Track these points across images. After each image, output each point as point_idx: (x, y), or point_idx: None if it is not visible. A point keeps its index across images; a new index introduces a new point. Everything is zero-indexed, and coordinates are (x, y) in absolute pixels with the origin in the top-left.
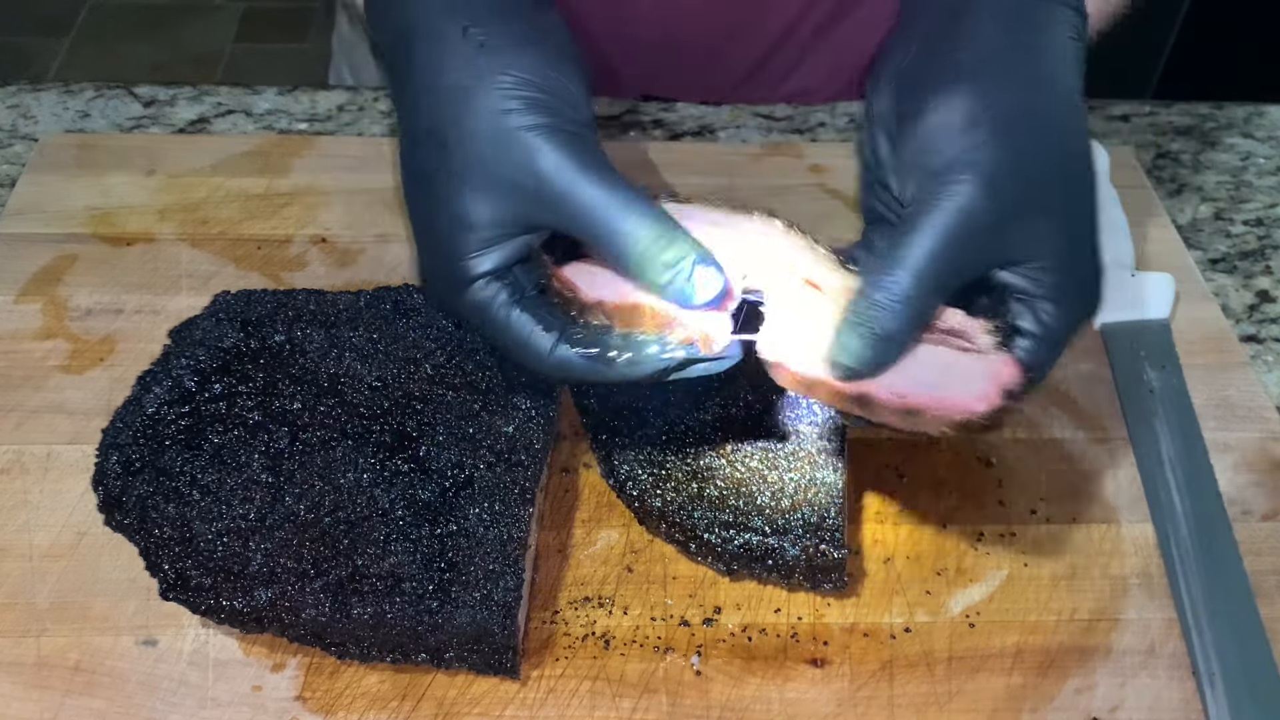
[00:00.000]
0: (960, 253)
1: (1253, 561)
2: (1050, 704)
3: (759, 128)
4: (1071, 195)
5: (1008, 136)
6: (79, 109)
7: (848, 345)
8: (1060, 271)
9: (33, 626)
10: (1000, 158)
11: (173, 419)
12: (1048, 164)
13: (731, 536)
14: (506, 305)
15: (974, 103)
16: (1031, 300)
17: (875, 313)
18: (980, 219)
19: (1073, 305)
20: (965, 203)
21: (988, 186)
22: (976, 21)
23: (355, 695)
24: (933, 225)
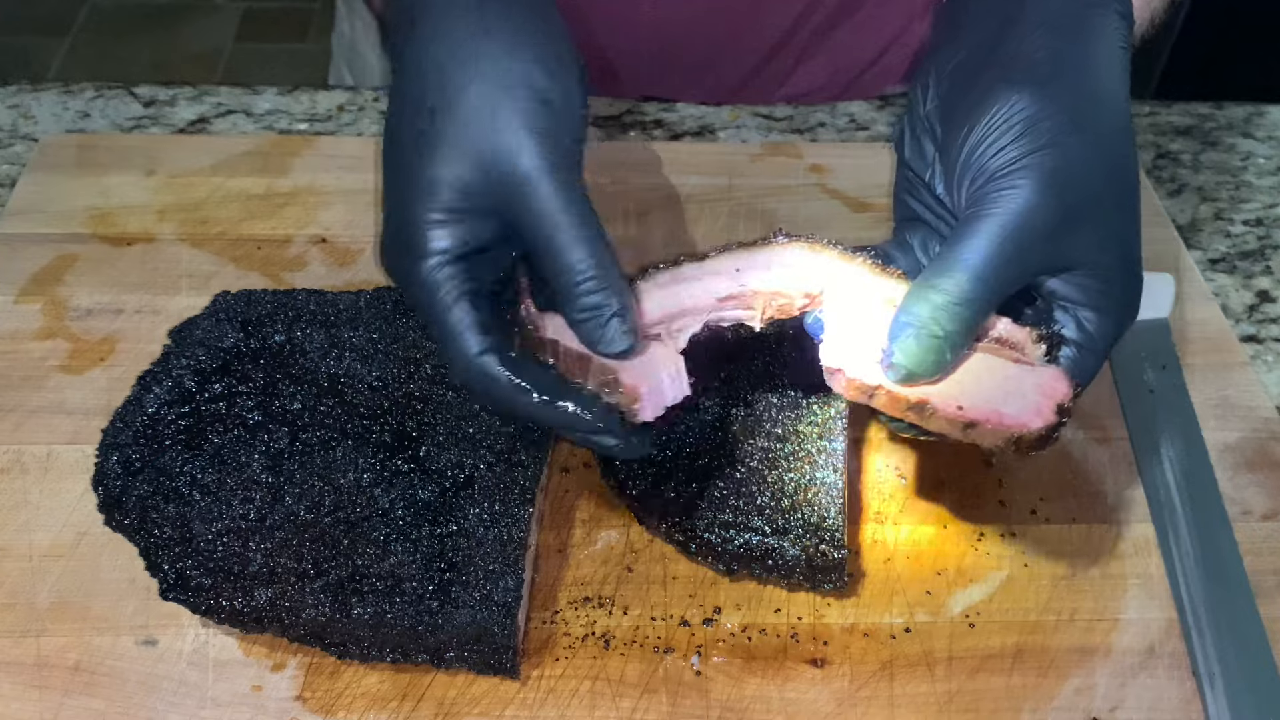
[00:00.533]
0: (1019, 256)
1: (1253, 561)
2: (1050, 704)
3: (759, 128)
4: (1121, 204)
5: (1066, 142)
6: (79, 109)
7: (905, 347)
8: (1106, 280)
9: (33, 626)
10: (1059, 163)
11: (173, 419)
12: (1101, 171)
13: (731, 536)
14: (454, 293)
15: (1031, 107)
16: (1075, 308)
17: (934, 314)
18: (1040, 222)
19: (1114, 315)
20: (1025, 206)
21: (1048, 190)
22: (1030, 28)
23: (355, 695)
24: (993, 227)
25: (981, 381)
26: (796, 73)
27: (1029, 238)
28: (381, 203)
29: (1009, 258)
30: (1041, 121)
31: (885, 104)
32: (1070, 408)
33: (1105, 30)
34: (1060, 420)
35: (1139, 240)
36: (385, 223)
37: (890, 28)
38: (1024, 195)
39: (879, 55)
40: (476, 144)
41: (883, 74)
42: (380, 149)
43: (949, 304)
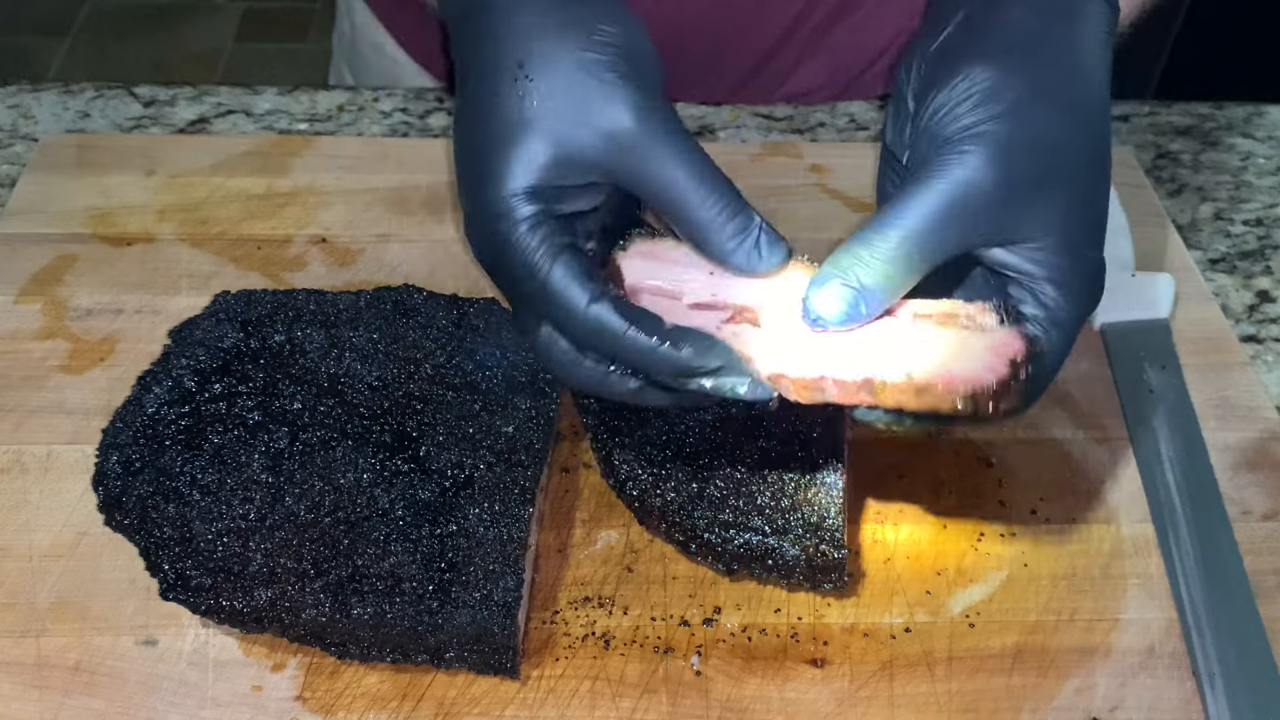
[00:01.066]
0: (955, 220)
1: (1253, 561)
2: (1050, 704)
3: (759, 128)
4: (1084, 182)
5: (1025, 113)
6: (79, 109)
7: (818, 294)
8: (1064, 254)
9: (33, 626)
10: (1014, 132)
11: (173, 419)
12: (1063, 146)
13: (731, 536)
14: (553, 249)
15: (995, 77)
16: (1032, 282)
17: (854, 265)
18: (982, 189)
19: (1076, 291)
20: (969, 172)
21: (996, 158)
22: (1012, 8)
23: (355, 695)
24: (931, 188)
25: (930, 348)
26: (797, 72)
27: (970, 203)
28: (459, 176)
29: (944, 219)
30: (1003, 91)
31: (885, 104)
32: (1023, 363)
33: (1086, 14)
34: (1014, 374)
35: (1103, 223)
36: (471, 194)
37: (891, 27)
38: (971, 160)
39: (879, 54)
40: (579, 108)
41: (884, 72)
42: (380, 148)
43: (871, 258)
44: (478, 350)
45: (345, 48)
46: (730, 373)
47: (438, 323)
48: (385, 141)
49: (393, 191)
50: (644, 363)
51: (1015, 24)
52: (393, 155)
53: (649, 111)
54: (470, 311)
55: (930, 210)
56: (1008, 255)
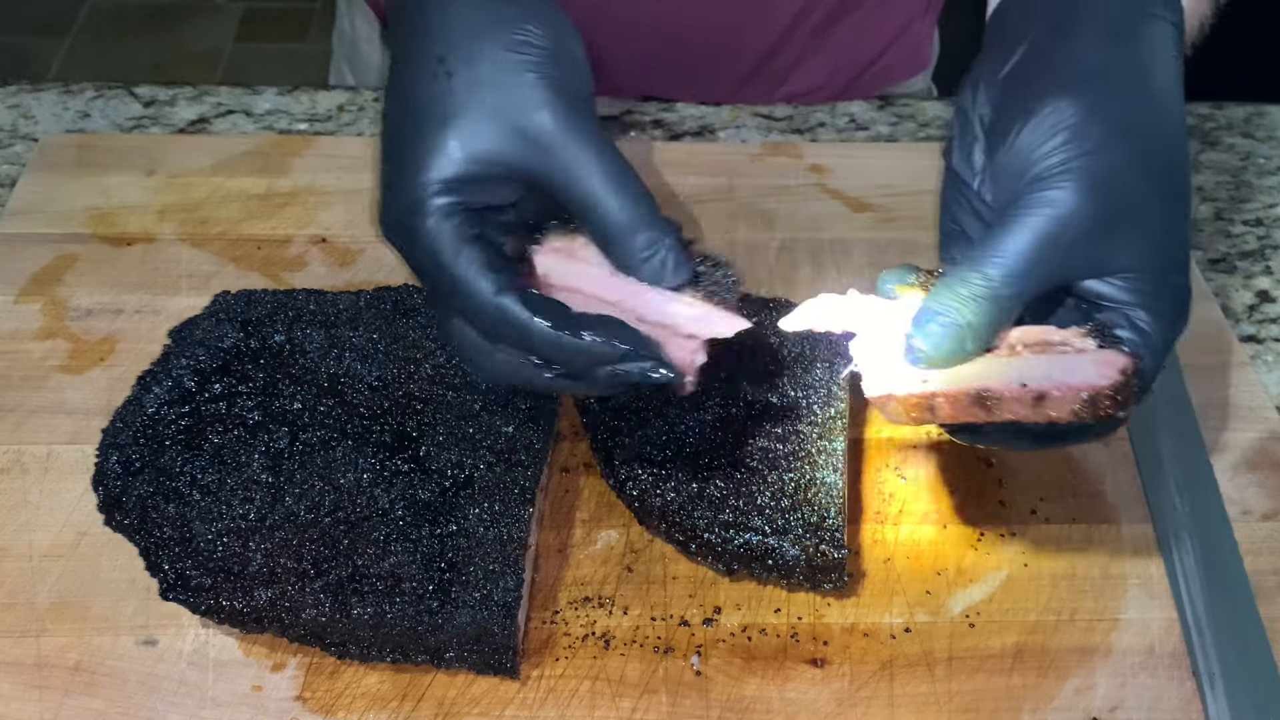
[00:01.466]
0: (1053, 256)
1: (1253, 561)
2: (1050, 704)
3: (759, 128)
4: (1170, 209)
5: (1114, 146)
6: (79, 109)
7: (926, 331)
8: (1154, 282)
9: (32, 626)
10: (1104, 166)
11: (173, 419)
12: (1151, 176)
13: (731, 536)
14: (460, 239)
15: (1081, 111)
16: (1125, 309)
17: (957, 303)
18: (1077, 224)
19: (1168, 315)
20: (1064, 208)
21: (1089, 193)
22: (1083, 34)
23: (355, 695)
24: (1028, 225)
25: (1037, 365)
26: (797, 71)
27: (1067, 239)
28: (380, 164)
29: (1043, 256)
30: (1089, 126)
31: (885, 104)
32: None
33: (1158, 38)
34: (1129, 380)
35: (1188, 245)
36: (388, 184)
37: (891, 26)
38: (1065, 197)
39: (880, 53)
40: (498, 104)
41: (884, 72)
42: (376, 147)
43: (975, 295)
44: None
45: (345, 46)
46: (637, 357)
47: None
48: None
49: None
50: (550, 353)
51: (1092, 51)
52: None
53: (568, 114)
54: None
55: (1028, 247)
56: (1102, 286)
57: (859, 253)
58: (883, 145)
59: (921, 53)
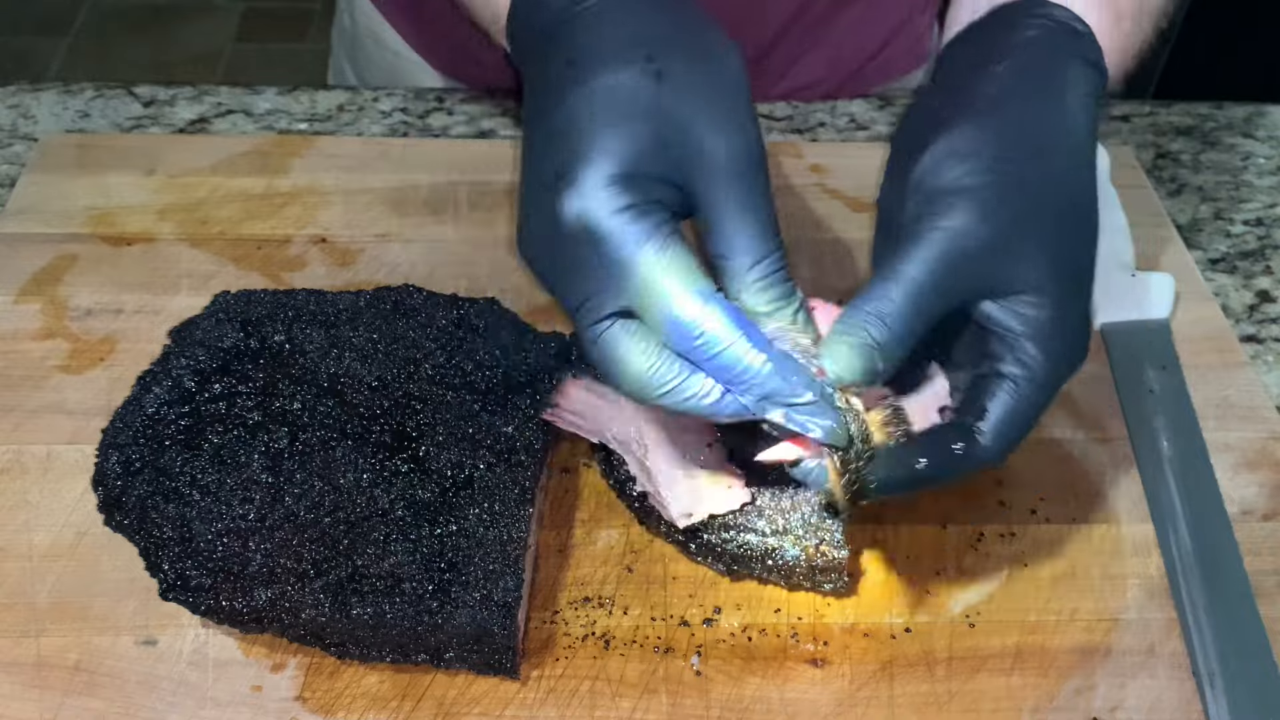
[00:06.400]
0: (950, 273)
1: (1253, 561)
2: (1050, 704)
3: None
4: (1067, 239)
5: (1007, 168)
6: (79, 109)
7: (837, 353)
8: (1052, 308)
9: (32, 626)
10: (996, 186)
11: (173, 419)
12: (1045, 202)
13: (732, 537)
14: (665, 236)
15: (978, 135)
16: (1015, 339)
17: (866, 323)
18: (972, 242)
19: (1055, 352)
20: (957, 223)
21: (980, 210)
22: (997, 73)
23: (355, 695)
24: (925, 243)
25: None
26: (797, 65)
27: (962, 256)
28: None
29: (940, 273)
30: (984, 148)
31: (885, 104)
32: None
33: (1067, 72)
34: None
35: (1088, 284)
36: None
37: (891, 20)
38: (957, 213)
39: (880, 48)
40: (706, 112)
41: (883, 67)
42: (381, 148)
43: (878, 314)
44: (478, 350)
45: (346, 43)
46: (813, 411)
47: (438, 323)
48: (385, 141)
49: (393, 191)
50: (739, 377)
51: (992, 83)
52: (393, 155)
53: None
54: (470, 311)
55: (926, 263)
56: (995, 310)
57: (859, 253)
58: (883, 145)
59: (921, 47)
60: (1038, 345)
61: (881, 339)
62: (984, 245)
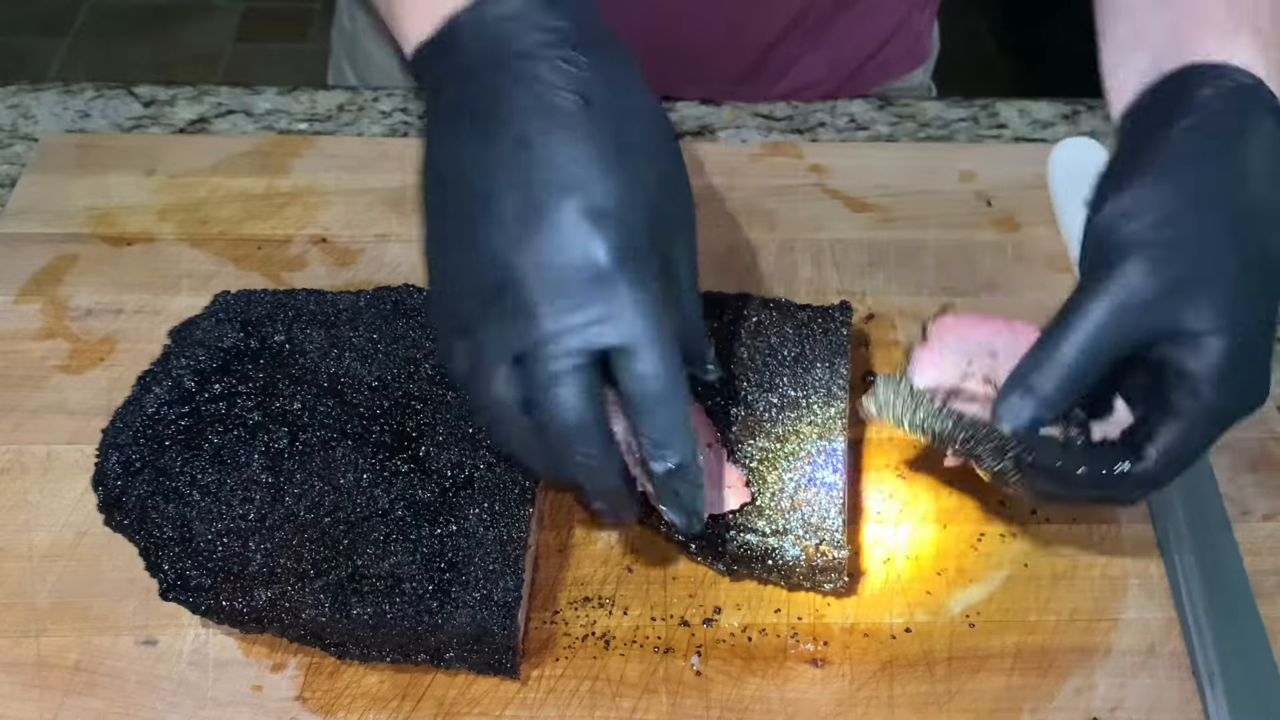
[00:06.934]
0: (1117, 324)
1: (1253, 561)
2: (1050, 704)
3: (759, 128)
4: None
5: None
6: (79, 109)
7: (1008, 404)
8: (1223, 354)
9: (32, 626)
10: (1169, 240)
11: (173, 419)
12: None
13: (732, 537)
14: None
15: (1153, 190)
16: (1191, 378)
17: (1035, 376)
18: (1139, 293)
19: (1231, 391)
20: (1126, 278)
21: (1150, 264)
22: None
23: (355, 695)
24: (1093, 297)
25: None
26: (797, 65)
27: (1130, 307)
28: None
29: (1107, 326)
30: (1156, 201)
31: (885, 104)
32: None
33: (1250, 127)
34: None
35: (1273, 326)
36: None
37: (891, 19)
38: (1127, 268)
39: (880, 47)
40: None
41: (883, 66)
42: (380, 148)
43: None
44: None
45: (346, 43)
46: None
47: None
48: (385, 141)
49: (393, 191)
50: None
51: (1177, 141)
52: (393, 155)
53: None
54: None
55: (1093, 319)
56: (1171, 352)
57: (859, 253)
58: (883, 145)
59: (921, 47)
60: (1213, 384)
61: (1049, 391)
62: (1153, 297)
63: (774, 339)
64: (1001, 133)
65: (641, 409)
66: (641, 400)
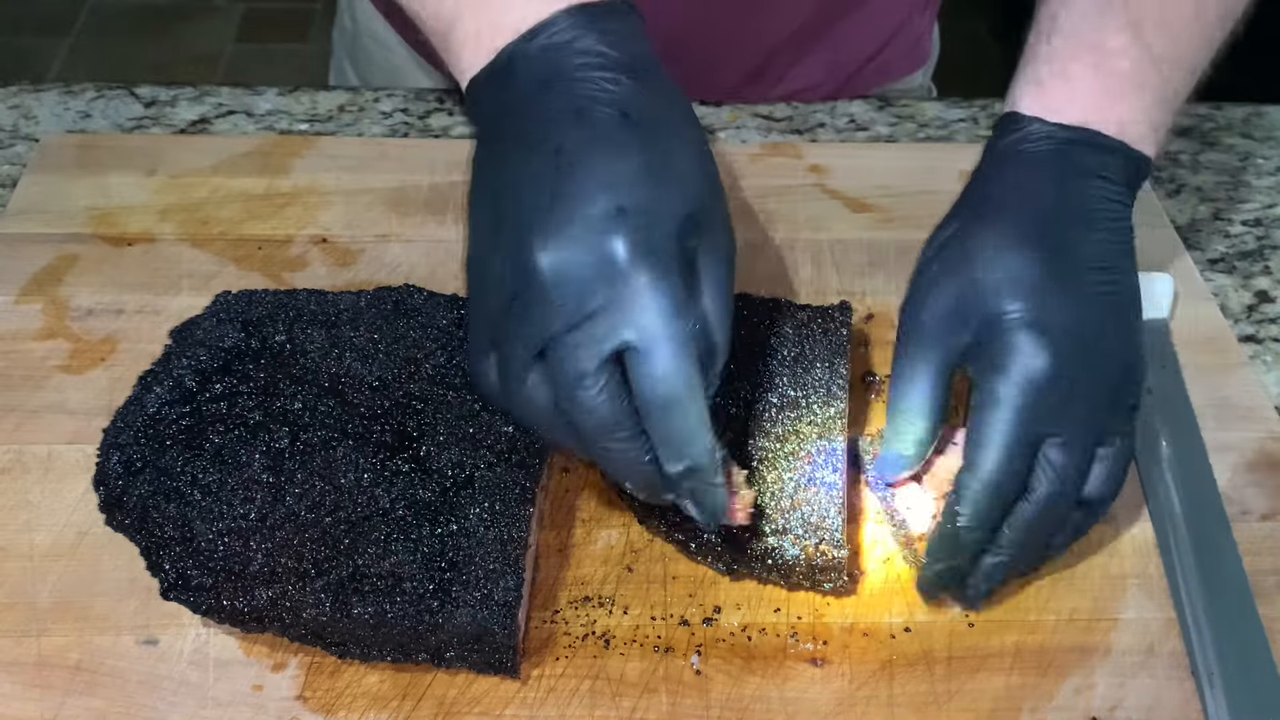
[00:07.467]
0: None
1: (1252, 561)
2: (1050, 704)
3: (759, 128)
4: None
5: (963, 235)
6: (80, 109)
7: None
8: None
9: (33, 626)
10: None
11: (174, 419)
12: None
13: (732, 537)
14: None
15: (950, 220)
16: (996, 364)
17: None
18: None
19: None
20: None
21: (934, 279)
22: (975, 175)
23: (356, 695)
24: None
25: None
26: (797, 68)
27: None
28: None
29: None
30: (951, 225)
31: (885, 104)
32: None
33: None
34: None
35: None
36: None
37: (890, 22)
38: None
39: (880, 49)
40: None
41: (883, 68)
42: (381, 148)
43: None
44: None
45: (347, 43)
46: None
47: (438, 323)
48: (385, 141)
49: (393, 191)
50: (688, 439)
51: (974, 183)
52: (393, 155)
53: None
54: None
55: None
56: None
57: (859, 253)
58: (883, 145)
59: (921, 49)
60: (1014, 360)
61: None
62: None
63: (774, 339)
64: None
65: (649, 410)
66: (649, 401)
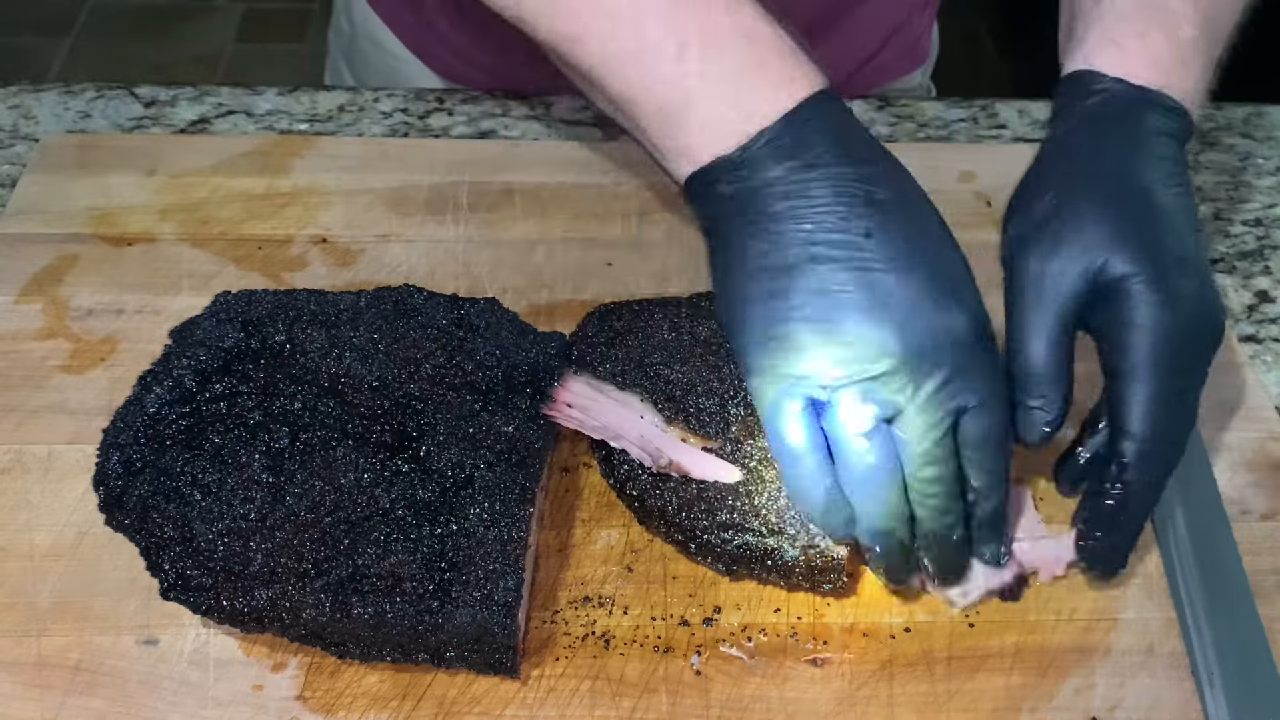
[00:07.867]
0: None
1: (1252, 561)
2: (1050, 704)
3: None
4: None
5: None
6: (80, 109)
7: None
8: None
9: (33, 626)
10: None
11: (173, 419)
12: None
13: (731, 537)
14: None
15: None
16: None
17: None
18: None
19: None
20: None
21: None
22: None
23: (356, 695)
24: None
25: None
26: None
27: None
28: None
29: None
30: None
31: (885, 104)
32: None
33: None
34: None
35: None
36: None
37: (890, 21)
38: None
39: (879, 48)
40: None
41: (882, 68)
42: (381, 148)
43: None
44: (478, 350)
45: (343, 44)
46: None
47: (438, 323)
48: (385, 142)
49: (393, 191)
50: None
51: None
52: (393, 155)
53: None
54: (470, 311)
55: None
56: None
57: None
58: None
59: (920, 48)
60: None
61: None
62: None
63: None
64: (1001, 133)
65: (980, 456)
66: (981, 448)
